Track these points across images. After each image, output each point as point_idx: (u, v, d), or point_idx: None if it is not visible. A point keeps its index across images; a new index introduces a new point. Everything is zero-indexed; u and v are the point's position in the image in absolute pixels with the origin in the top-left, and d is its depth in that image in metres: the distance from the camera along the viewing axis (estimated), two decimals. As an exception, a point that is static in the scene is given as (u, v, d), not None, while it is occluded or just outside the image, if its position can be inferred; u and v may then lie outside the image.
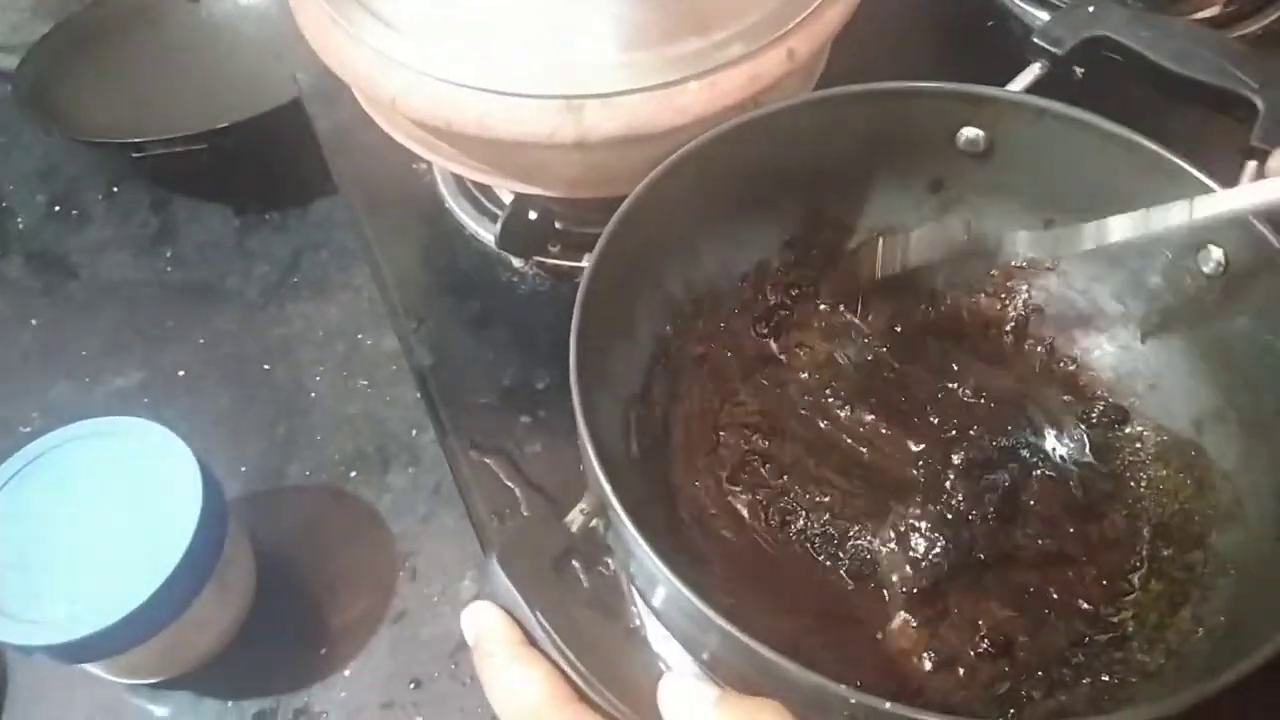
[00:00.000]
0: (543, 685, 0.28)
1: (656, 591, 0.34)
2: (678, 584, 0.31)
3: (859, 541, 0.42)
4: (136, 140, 0.70)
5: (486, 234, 0.60)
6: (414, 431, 0.63)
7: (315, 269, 0.72)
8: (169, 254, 0.74)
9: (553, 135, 0.45)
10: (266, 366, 0.67)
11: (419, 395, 0.63)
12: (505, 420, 0.53)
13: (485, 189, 0.62)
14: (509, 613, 0.29)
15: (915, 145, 0.46)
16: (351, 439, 0.63)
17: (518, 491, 0.50)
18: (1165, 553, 0.41)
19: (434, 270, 0.60)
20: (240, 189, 0.76)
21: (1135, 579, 0.40)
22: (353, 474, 0.62)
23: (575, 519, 0.33)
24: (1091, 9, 0.46)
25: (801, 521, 0.43)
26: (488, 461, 0.51)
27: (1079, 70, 0.47)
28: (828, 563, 0.42)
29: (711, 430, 0.46)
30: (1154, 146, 0.41)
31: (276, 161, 0.74)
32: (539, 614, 0.28)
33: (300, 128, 0.69)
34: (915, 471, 0.43)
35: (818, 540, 0.43)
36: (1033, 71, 0.46)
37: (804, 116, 0.45)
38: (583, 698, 0.28)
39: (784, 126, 0.45)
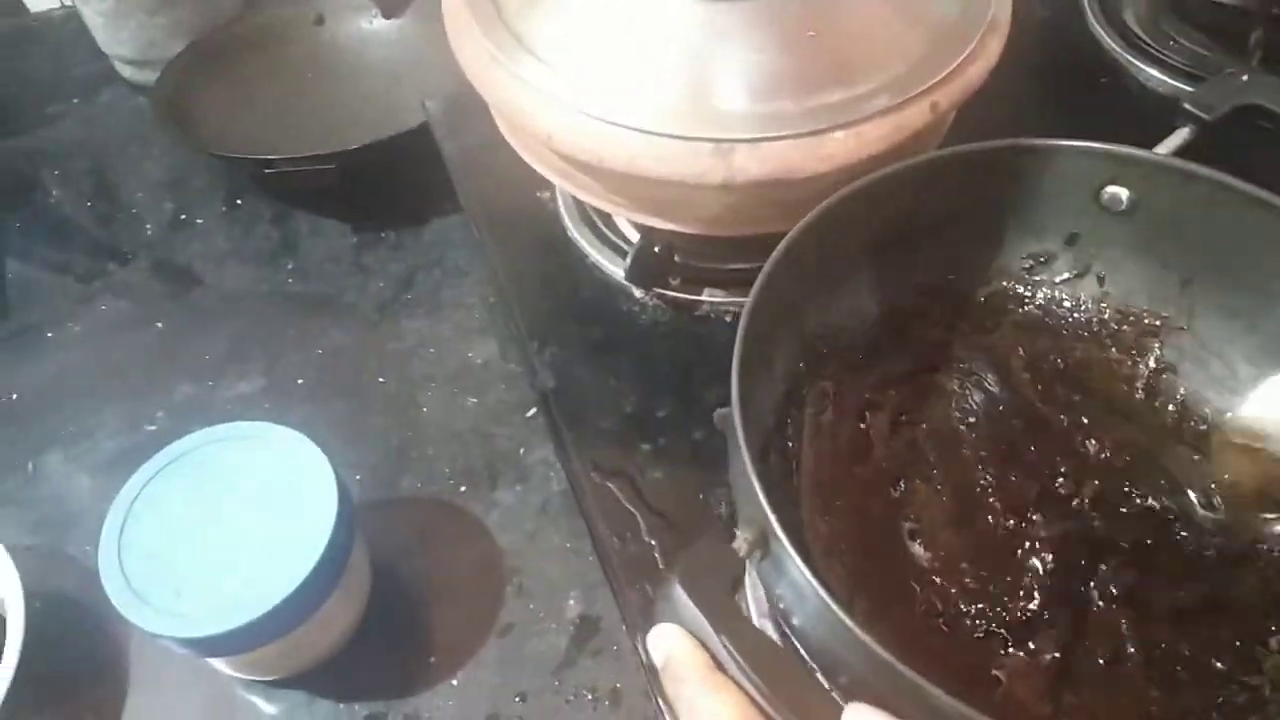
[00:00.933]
0: (737, 713, 0.29)
1: (804, 609, 0.34)
2: (829, 602, 0.32)
3: (987, 587, 0.43)
4: (268, 157, 0.73)
5: (608, 263, 0.61)
6: (521, 450, 0.65)
7: (428, 287, 0.75)
8: (290, 266, 0.77)
9: (701, 176, 0.46)
10: (381, 379, 0.69)
11: (528, 415, 0.65)
12: (627, 445, 0.54)
13: (607, 219, 0.63)
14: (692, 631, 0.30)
15: (1054, 199, 0.47)
16: (461, 454, 0.65)
17: (638, 515, 0.52)
18: (1303, 619, 0.41)
19: (556, 296, 0.62)
20: (359, 207, 0.79)
21: (1272, 642, 0.40)
22: (462, 488, 0.63)
23: (741, 546, 0.34)
24: (1245, 78, 0.47)
25: (929, 565, 0.44)
26: (609, 485, 0.53)
27: (1226, 137, 0.48)
28: (956, 609, 0.42)
29: (841, 470, 0.47)
30: (1300, 214, 0.41)
31: (395, 183, 0.77)
32: (724, 637, 0.29)
33: (423, 151, 0.72)
34: (1049, 522, 0.43)
35: (945, 586, 0.43)
36: (1181, 135, 0.47)
37: (949, 169, 0.46)
38: None
39: (927, 177, 0.46)
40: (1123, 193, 0.45)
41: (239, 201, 0.82)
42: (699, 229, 0.52)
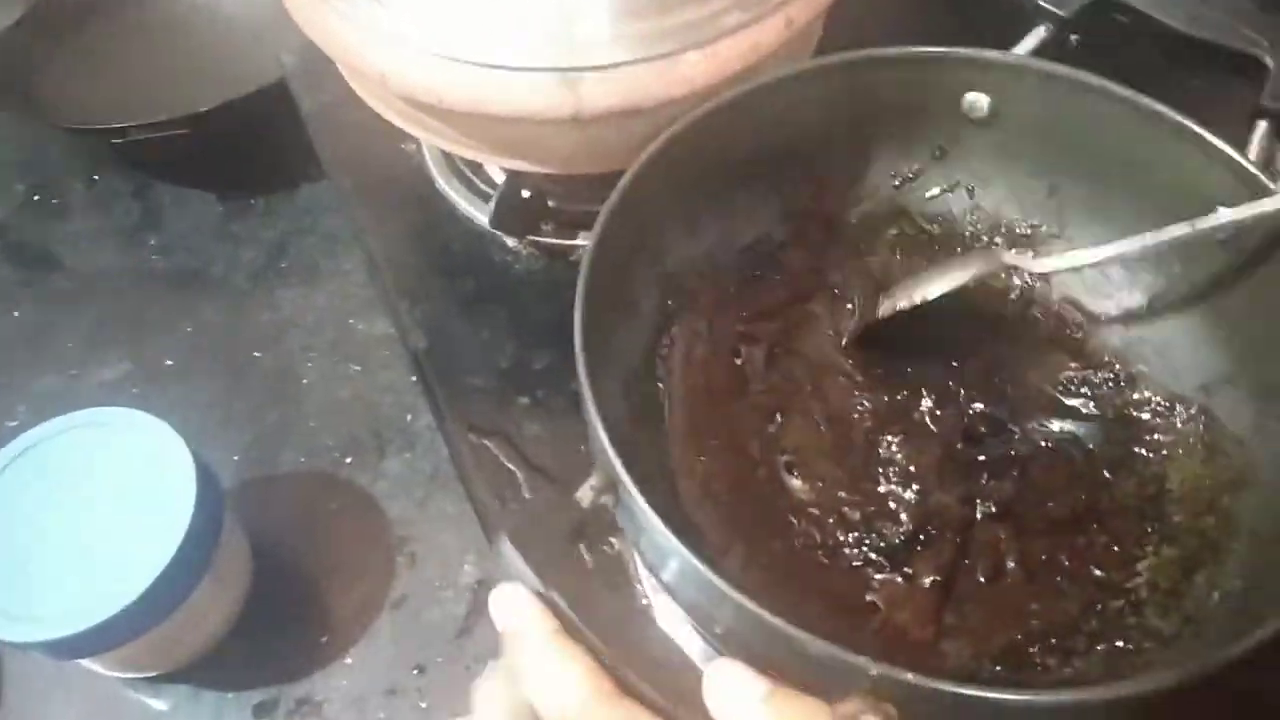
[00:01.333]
0: (587, 680, 0.27)
1: (668, 565, 0.33)
2: (690, 557, 0.30)
3: (864, 515, 0.42)
4: (117, 125, 0.68)
5: (479, 214, 0.59)
6: (409, 416, 0.62)
7: (303, 254, 0.71)
8: (153, 242, 0.73)
9: (548, 110, 0.44)
10: (257, 354, 0.66)
11: (413, 379, 0.62)
12: (503, 402, 0.52)
13: (477, 168, 0.60)
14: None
15: (918, 112, 0.45)
16: (345, 425, 0.62)
17: (519, 473, 0.50)
18: (1176, 519, 0.40)
19: (426, 252, 0.59)
20: (225, 174, 0.75)
21: (1148, 545, 0.40)
22: (347, 460, 0.61)
23: (585, 495, 0.32)
24: (1098, -31, 0.46)
25: (807, 497, 0.42)
26: (487, 444, 0.51)
27: (1082, 34, 0.46)
28: (834, 540, 0.41)
29: (715, 407, 0.45)
30: (1162, 108, 0.40)
31: (262, 145, 0.73)
32: (555, 594, 0.27)
33: (286, 109, 0.68)
34: (923, 445, 0.42)
35: (823, 517, 0.42)
36: (1037, 35, 0.46)
37: (804, 86, 0.44)
38: (625, 692, 0.27)
39: (784, 96, 0.44)
40: (983, 99, 0.44)
41: (96, 177, 0.77)
42: (558, 168, 0.50)
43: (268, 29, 0.75)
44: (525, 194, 0.55)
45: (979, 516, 0.41)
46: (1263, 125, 0.42)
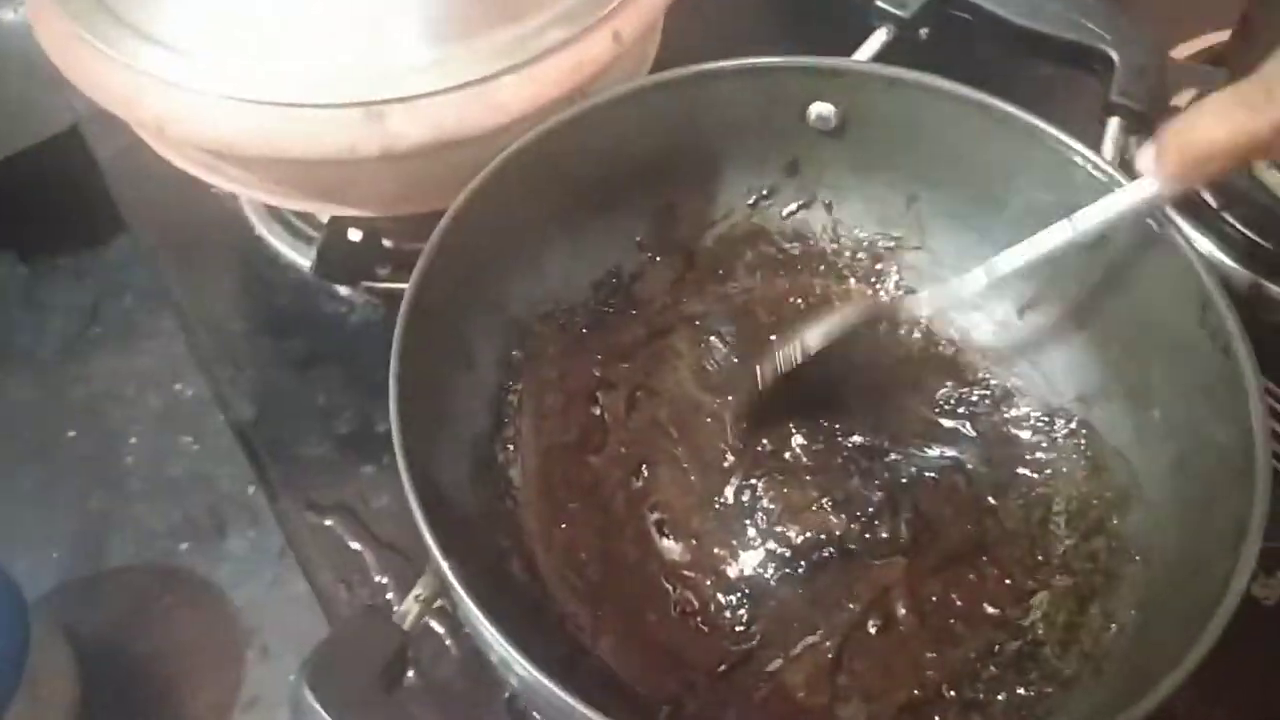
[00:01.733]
0: None
1: (514, 675, 0.29)
2: (530, 668, 0.26)
3: (740, 571, 0.38)
4: (-117, 187, 0.60)
5: (306, 261, 0.53)
6: (250, 489, 0.56)
7: (118, 317, 0.64)
8: (-55, 316, 0.65)
9: (354, 149, 0.39)
10: (71, 433, 0.59)
11: (246, 451, 0.56)
12: (345, 472, 0.47)
13: (299, 211, 0.55)
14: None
15: (765, 125, 0.42)
16: (178, 506, 0.56)
17: (366, 554, 0.45)
18: (1068, 542, 0.38)
19: (248, 308, 0.53)
20: (23, 233, 0.67)
21: (1039, 575, 0.37)
22: (183, 546, 0.55)
23: (410, 610, 0.27)
24: (935, -35, 0.43)
25: (680, 558, 0.39)
26: (328, 523, 0.46)
27: (925, 32, 0.44)
28: (715, 603, 0.38)
29: (572, 465, 0.41)
30: (1010, 108, 0.38)
31: (62, 198, 0.66)
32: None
33: (84, 157, 0.61)
34: (800, 487, 0.39)
35: (700, 579, 0.38)
36: (879, 38, 0.43)
37: (640, 105, 0.40)
38: None
39: (618, 117, 0.40)
40: (829, 109, 0.41)
41: (-127, 247, 0.68)
42: (380, 210, 0.45)
43: (58, 71, 0.67)
44: (354, 236, 0.50)
45: (866, 561, 0.38)
46: (1114, 121, 0.40)
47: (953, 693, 0.35)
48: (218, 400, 0.51)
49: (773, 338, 0.44)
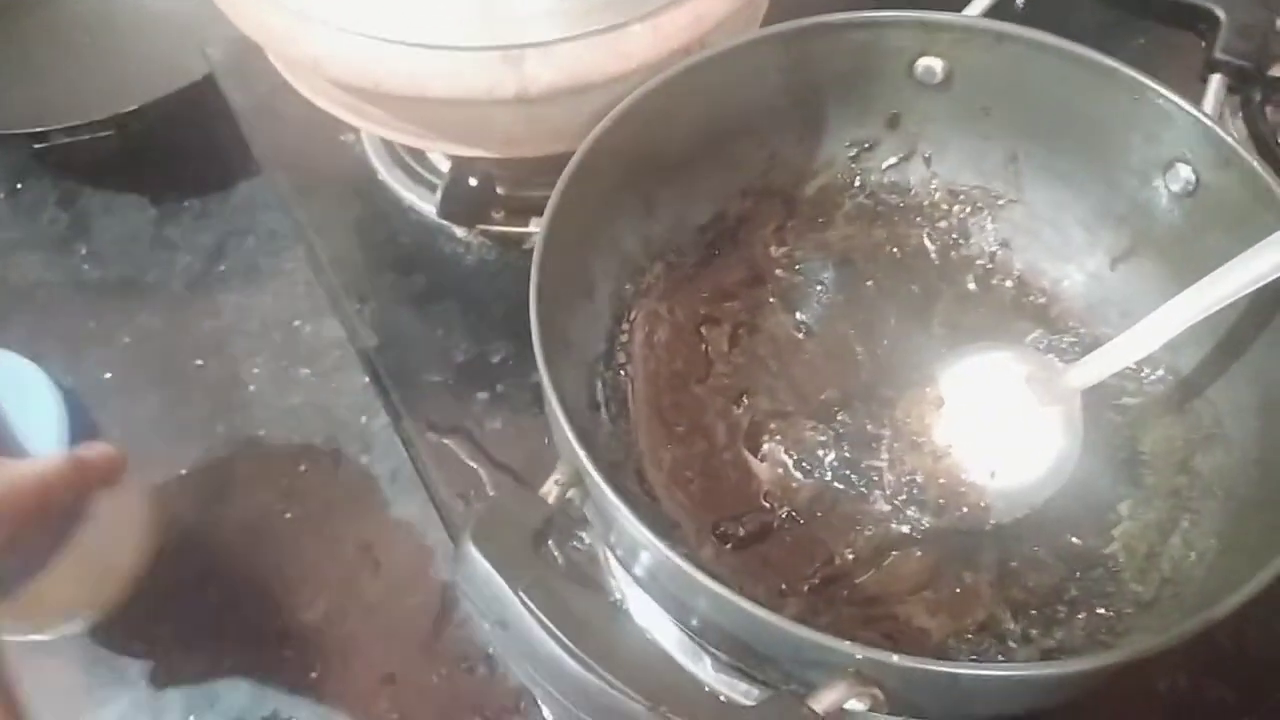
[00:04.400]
0: None
1: (640, 558, 0.32)
2: (662, 547, 0.29)
3: (843, 490, 0.41)
4: (38, 130, 0.65)
5: (425, 204, 0.57)
6: (364, 418, 0.61)
7: (243, 256, 0.69)
8: (83, 251, 0.70)
9: (492, 90, 0.42)
10: (199, 362, 0.64)
11: (366, 380, 0.60)
12: (462, 398, 0.50)
13: (420, 157, 0.58)
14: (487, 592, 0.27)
15: (870, 79, 0.44)
16: (298, 431, 0.60)
17: (482, 471, 0.48)
18: (1150, 480, 0.40)
19: (372, 247, 0.57)
20: (155, 176, 0.72)
21: (1122, 508, 0.39)
22: (301, 467, 0.59)
23: (550, 490, 0.31)
24: (1043, -75, 0.45)
25: (775, 478, 0.41)
26: (447, 442, 0.49)
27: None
28: (811, 518, 0.40)
29: (679, 392, 0.44)
30: (1116, 64, 0.39)
31: (192, 144, 0.70)
32: (522, 594, 0.26)
33: (216, 105, 0.65)
34: (894, 420, 0.41)
35: (794, 496, 0.41)
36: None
37: (753, 57, 0.43)
38: None
39: (733, 68, 0.43)
40: (937, 63, 0.43)
41: (19, 185, 0.74)
42: (505, 151, 0.48)
43: (192, 23, 0.71)
44: (472, 181, 0.53)
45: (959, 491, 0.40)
46: (1216, 79, 0.41)
47: (1035, 611, 0.37)
48: (345, 329, 0.55)
49: (869, 283, 0.47)
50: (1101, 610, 0.37)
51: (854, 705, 0.28)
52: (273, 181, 0.62)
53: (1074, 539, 0.39)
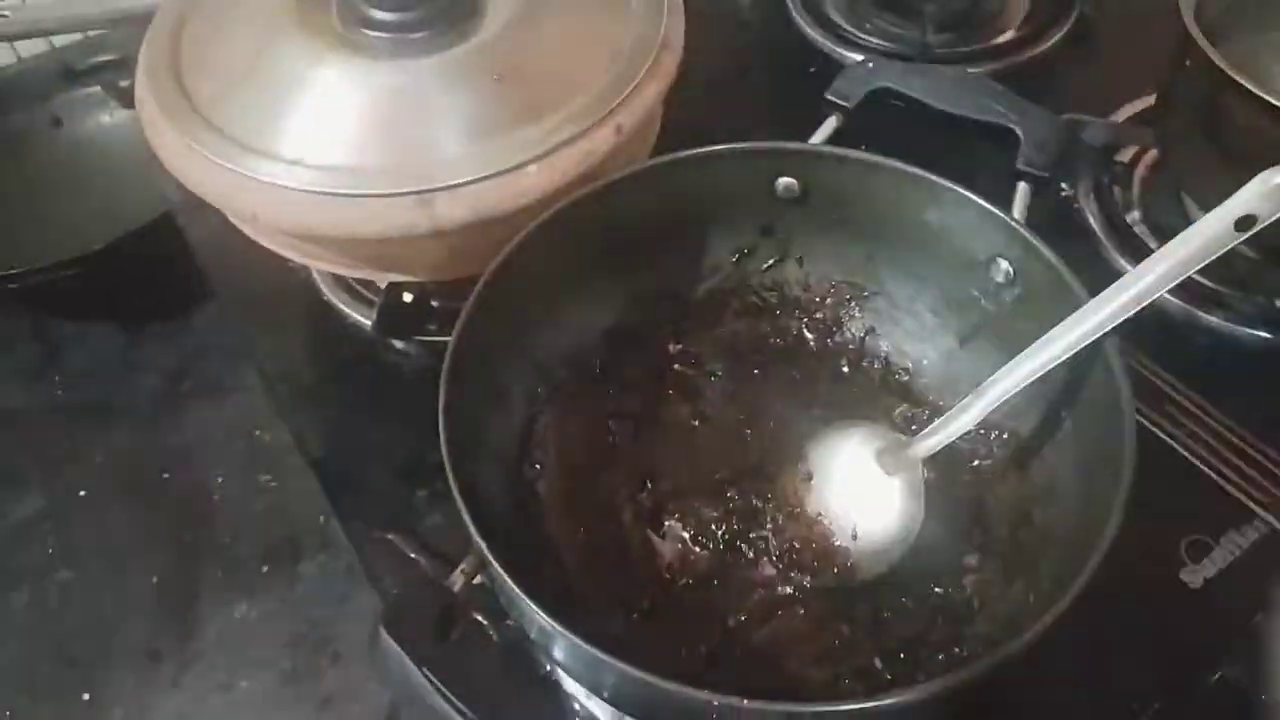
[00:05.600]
0: None
1: (547, 638, 0.37)
2: (558, 627, 0.34)
3: (734, 560, 0.46)
4: (11, 271, 0.71)
5: (368, 320, 0.62)
6: (321, 518, 0.65)
7: (205, 374, 0.74)
8: (57, 378, 0.75)
9: (411, 228, 0.48)
10: (167, 475, 0.69)
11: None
12: (403, 496, 0.55)
13: (362, 279, 0.64)
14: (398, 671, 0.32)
15: (742, 197, 0.51)
16: (262, 534, 0.65)
17: (422, 561, 0.53)
18: (998, 532, 0.46)
19: (319, 362, 0.63)
20: (121, 306, 0.78)
21: (971, 559, 0.45)
22: (264, 569, 0.63)
23: (457, 579, 0.36)
24: (870, 65, 0.52)
25: (677, 555, 0.47)
26: (390, 538, 0.54)
27: (867, 120, 0.53)
28: (708, 586, 0.46)
29: (589, 480, 0.49)
30: (936, 178, 0.46)
31: (154, 275, 0.76)
32: (427, 671, 0.31)
33: (174, 239, 0.71)
34: (775, 493, 0.47)
35: (696, 567, 0.46)
36: (830, 124, 0.52)
37: (635, 186, 0.49)
38: None
39: (620, 196, 0.49)
40: (794, 182, 0.49)
41: (-6, 321, 0.79)
42: (430, 275, 0.54)
43: (151, 166, 0.78)
44: (407, 298, 0.59)
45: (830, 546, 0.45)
46: (1022, 186, 0.48)
47: (902, 655, 0.43)
48: (295, 441, 0.60)
49: (755, 372, 0.53)
50: (957, 649, 0.42)
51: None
52: (228, 306, 0.68)
53: (935, 589, 0.45)
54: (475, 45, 0.52)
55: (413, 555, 0.53)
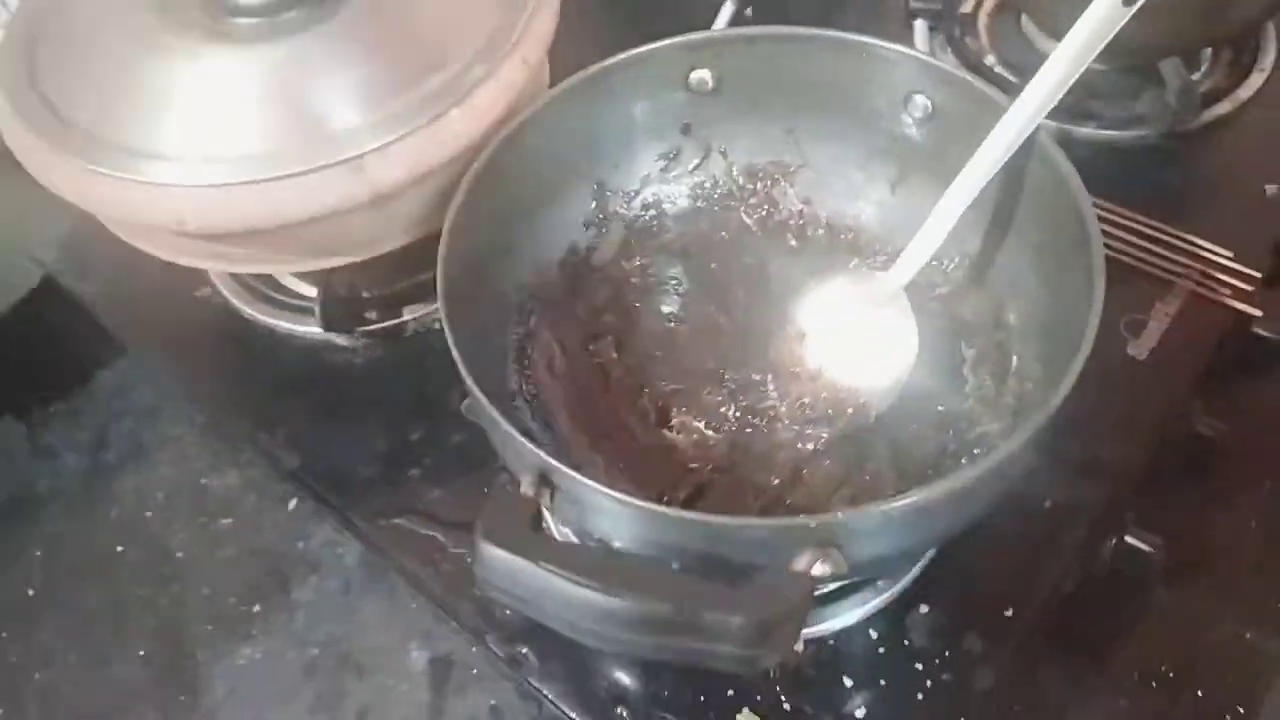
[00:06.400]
0: None
1: (618, 522, 0.37)
2: (634, 500, 0.35)
3: (751, 434, 0.48)
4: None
5: (300, 326, 0.60)
6: (300, 543, 0.63)
7: (126, 439, 0.70)
8: (-35, 482, 0.69)
9: (349, 199, 0.47)
10: (120, 549, 0.64)
11: (289, 508, 0.63)
12: (396, 481, 0.54)
13: (278, 286, 0.62)
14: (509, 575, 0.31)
15: (656, 101, 0.52)
16: (241, 577, 0.62)
17: (439, 535, 0.52)
18: (978, 342, 0.49)
19: (264, 380, 0.60)
20: (15, 391, 0.72)
21: (965, 371, 0.48)
22: (256, 608, 0.60)
23: (528, 489, 0.36)
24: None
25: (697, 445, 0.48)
26: (398, 522, 0.53)
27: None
28: (733, 465, 0.47)
29: (590, 403, 0.50)
30: (844, 35, 0.49)
31: (44, 348, 0.71)
32: (542, 564, 0.31)
33: (60, 303, 0.66)
34: (771, 363, 0.49)
35: (716, 452, 0.48)
36: (729, 8, 0.54)
37: (554, 113, 0.49)
38: None
39: (543, 126, 0.49)
40: (706, 74, 0.51)
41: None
42: (367, 252, 0.53)
43: (13, 235, 0.73)
44: (341, 292, 0.58)
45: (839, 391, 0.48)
46: (919, 23, 0.52)
47: (930, 473, 0.45)
48: (269, 461, 0.57)
49: (713, 266, 0.54)
50: (978, 451, 0.45)
51: (820, 570, 0.34)
52: (139, 358, 0.64)
53: (939, 407, 0.48)
54: (354, 10, 0.51)
55: (426, 532, 0.53)
